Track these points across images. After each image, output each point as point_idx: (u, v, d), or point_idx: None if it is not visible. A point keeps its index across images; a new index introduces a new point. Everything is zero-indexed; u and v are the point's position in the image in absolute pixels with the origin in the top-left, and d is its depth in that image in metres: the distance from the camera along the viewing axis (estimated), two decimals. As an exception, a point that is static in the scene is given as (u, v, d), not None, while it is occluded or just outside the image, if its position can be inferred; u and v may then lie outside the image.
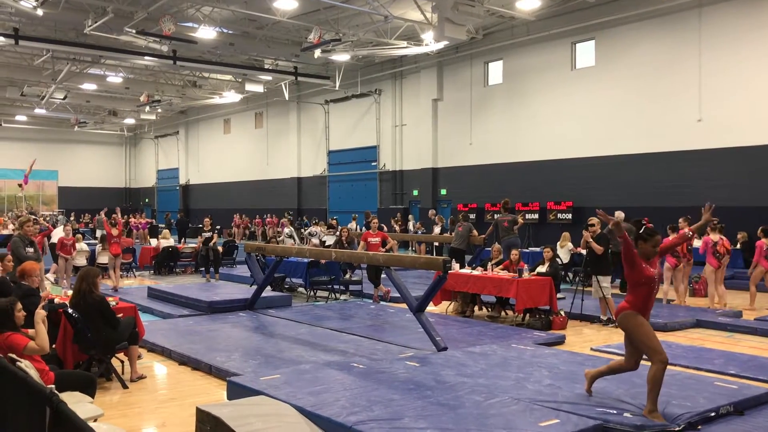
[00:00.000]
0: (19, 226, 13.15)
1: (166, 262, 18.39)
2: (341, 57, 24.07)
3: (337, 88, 28.31)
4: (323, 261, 13.11)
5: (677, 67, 18.88)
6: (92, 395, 5.45)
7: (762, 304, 12.45)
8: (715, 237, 12.10)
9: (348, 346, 8.55)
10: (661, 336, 9.67)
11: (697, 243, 13.12)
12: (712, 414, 5.58)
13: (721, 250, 12.04)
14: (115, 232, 14.88)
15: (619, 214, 14.38)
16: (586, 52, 21.53)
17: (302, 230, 24.78)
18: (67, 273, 14.26)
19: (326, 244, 16.67)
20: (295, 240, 20.32)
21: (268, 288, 12.44)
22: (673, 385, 6.33)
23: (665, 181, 19.02)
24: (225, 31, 22.96)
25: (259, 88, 29.54)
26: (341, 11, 21.03)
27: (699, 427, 5.37)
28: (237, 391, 6.26)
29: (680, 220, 13.08)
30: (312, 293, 13.75)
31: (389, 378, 6.54)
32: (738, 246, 16.13)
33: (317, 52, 22.40)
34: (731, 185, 17.65)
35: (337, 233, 17.12)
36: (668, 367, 7.51)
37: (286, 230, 21.57)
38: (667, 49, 19.15)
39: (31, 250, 13.09)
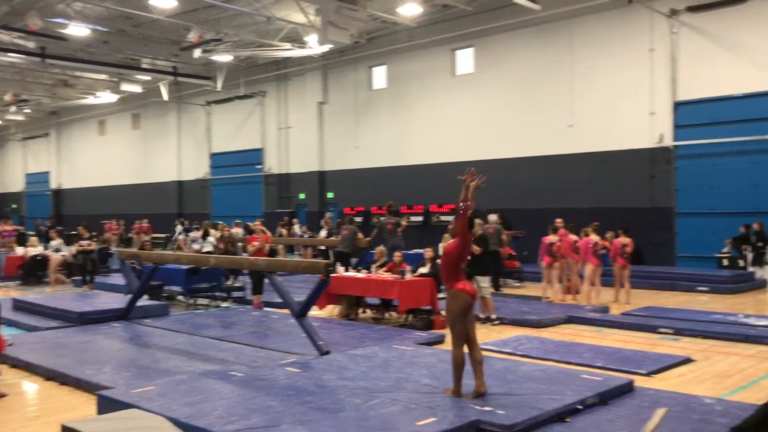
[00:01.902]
0: None
1: (34, 272, 17.32)
2: (223, 57, 23.58)
3: (219, 89, 27.68)
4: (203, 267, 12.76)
5: (551, 75, 19.81)
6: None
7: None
8: (595, 237, 12.72)
9: (228, 355, 8.36)
10: (535, 332, 10.15)
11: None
12: (579, 406, 5.85)
13: (601, 250, 12.70)
14: None
15: (492, 217, 15.07)
16: (465, 58, 22.18)
17: (187, 235, 23.96)
18: None
19: (204, 250, 16.21)
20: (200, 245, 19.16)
21: (145, 297, 11.97)
22: (544, 379, 6.60)
23: (541, 183, 19.89)
24: (98, 28, 21.91)
25: (136, 89, 28.43)
26: (222, 11, 20.56)
27: (567, 419, 5.62)
28: (108, 405, 5.98)
29: (558, 220, 13.72)
30: (192, 301, 13.34)
31: (269, 385, 6.44)
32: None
33: (197, 52, 21.85)
34: (600, 188, 18.72)
35: (210, 238, 16.66)
36: (541, 362, 7.89)
37: (192, 234, 20.58)
38: (541, 57, 20.06)
39: None
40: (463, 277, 6.19)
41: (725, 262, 16.43)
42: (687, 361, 8.19)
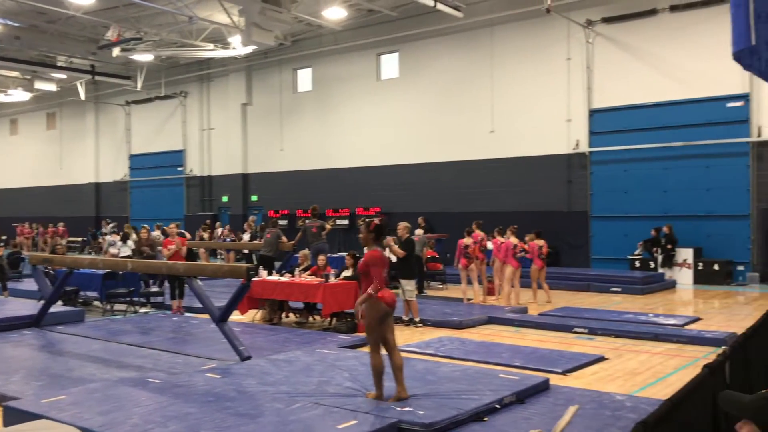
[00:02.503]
0: None
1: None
2: (143, 57, 22.97)
3: (139, 89, 26.95)
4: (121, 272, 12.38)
5: (473, 82, 20.21)
6: None
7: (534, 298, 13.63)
8: (514, 240, 13.03)
9: (145, 361, 8.13)
10: (456, 333, 10.31)
11: (489, 245, 14.03)
12: (497, 405, 5.98)
13: (520, 253, 13.01)
14: None
15: (419, 231, 15.34)
16: (390, 63, 22.36)
17: (100, 239, 23.17)
18: None
19: (122, 254, 15.73)
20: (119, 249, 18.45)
21: (59, 303, 11.52)
22: (464, 379, 6.72)
23: (464, 187, 20.25)
24: (9, 23, 20.97)
25: (51, 87, 27.35)
26: (142, 9, 20.04)
27: (485, 418, 5.73)
28: (15, 416, 5.72)
29: (474, 223, 13.99)
30: (109, 307, 12.92)
31: (187, 392, 6.31)
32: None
33: (116, 51, 21.22)
34: (520, 192, 19.21)
35: (130, 242, 16.17)
36: (461, 362, 8.03)
37: (109, 238, 19.76)
38: (463, 64, 20.43)
39: None
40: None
41: (637, 264, 17.16)
42: (600, 359, 8.49)
